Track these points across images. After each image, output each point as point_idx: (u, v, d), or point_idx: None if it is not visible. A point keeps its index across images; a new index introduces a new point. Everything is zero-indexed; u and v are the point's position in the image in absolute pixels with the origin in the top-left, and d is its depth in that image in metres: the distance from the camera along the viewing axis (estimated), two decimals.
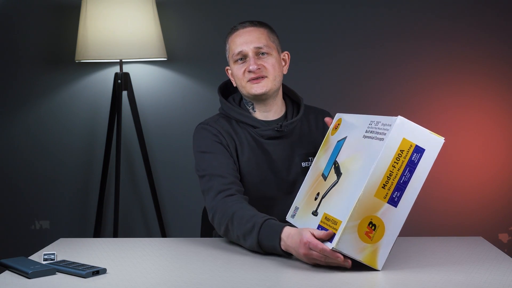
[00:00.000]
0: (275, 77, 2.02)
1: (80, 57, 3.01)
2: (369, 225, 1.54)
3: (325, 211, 1.64)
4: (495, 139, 3.26)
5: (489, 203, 3.28)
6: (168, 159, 3.31)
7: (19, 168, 3.33)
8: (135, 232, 3.34)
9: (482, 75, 3.24)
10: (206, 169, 1.95)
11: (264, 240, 1.71)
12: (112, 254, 1.78)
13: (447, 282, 1.49)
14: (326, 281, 1.50)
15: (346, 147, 1.72)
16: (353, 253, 1.54)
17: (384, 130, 1.57)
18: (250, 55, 1.99)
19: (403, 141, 1.54)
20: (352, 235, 1.53)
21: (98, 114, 3.29)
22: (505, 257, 1.71)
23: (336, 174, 1.68)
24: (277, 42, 2.07)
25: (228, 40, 2.06)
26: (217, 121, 2.06)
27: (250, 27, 2.03)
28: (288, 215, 1.86)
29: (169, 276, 1.57)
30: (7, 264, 1.63)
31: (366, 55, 3.25)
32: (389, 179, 1.54)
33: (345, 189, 1.61)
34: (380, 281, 1.51)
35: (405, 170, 1.54)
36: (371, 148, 1.58)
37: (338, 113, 1.89)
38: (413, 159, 1.55)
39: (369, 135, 1.63)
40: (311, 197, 1.76)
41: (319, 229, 1.60)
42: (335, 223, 1.56)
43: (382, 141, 1.55)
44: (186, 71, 3.28)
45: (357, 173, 1.59)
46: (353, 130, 1.73)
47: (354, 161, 1.63)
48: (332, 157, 1.76)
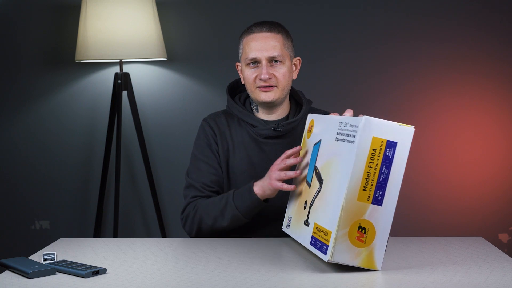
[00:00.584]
0: (285, 86, 2.04)
1: (80, 57, 3.01)
2: (358, 229, 1.53)
3: (315, 221, 1.65)
4: (495, 139, 3.26)
5: (489, 203, 3.28)
6: (168, 159, 3.31)
7: (19, 168, 3.33)
8: (135, 232, 3.34)
9: (482, 75, 3.24)
10: (189, 175, 2.09)
11: (240, 201, 1.92)
12: (112, 254, 1.78)
13: (447, 282, 1.49)
14: (326, 281, 1.50)
15: (322, 151, 1.71)
16: (349, 260, 1.54)
17: (352, 132, 1.55)
18: (264, 63, 2.01)
19: (373, 140, 1.52)
20: (344, 243, 1.52)
21: (98, 114, 3.29)
22: (505, 257, 1.71)
23: (318, 181, 1.68)
24: (291, 48, 2.08)
25: (243, 40, 2.06)
26: (217, 117, 2.13)
27: (267, 32, 2.02)
28: (284, 225, 1.88)
29: (169, 276, 1.57)
30: (7, 264, 1.63)
31: (366, 56, 3.25)
32: (368, 180, 1.52)
33: (328, 197, 1.61)
34: (380, 281, 1.51)
35: (382, 167, 1.53)
36: (344, 151, 1.57)
37: (309, 114, 1.89)
38: (387, 155, 1.53)
39: (340, 137, 1.61)
40: (300, 206, 1.77)
41: (313, 241, 1.62)
42: (326, 234, 1.56)
43: (352, 143, 1.53)
44: (186, 71, 3.28)
45: (336, 180, 1.58)
46: (325, 132, 1.73)
47: (332, 166, 1.63)
48: (312, 162, 1.76)
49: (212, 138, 2.09)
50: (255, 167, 2.05)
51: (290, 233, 1.81)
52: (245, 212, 1.94)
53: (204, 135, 2.10)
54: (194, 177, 2.07)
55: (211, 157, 2.08)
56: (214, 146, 2.08)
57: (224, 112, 2.15)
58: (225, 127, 2.10)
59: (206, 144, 2.09)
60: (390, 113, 3.22)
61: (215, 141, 2.09)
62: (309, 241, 1.65)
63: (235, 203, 1.93)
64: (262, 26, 2.03)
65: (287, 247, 1.83)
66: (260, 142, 2.06)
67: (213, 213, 1.97)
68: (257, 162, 2.05)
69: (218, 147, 2.08)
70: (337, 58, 3.26)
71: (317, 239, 1.60)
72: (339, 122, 1.64)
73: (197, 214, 2.00)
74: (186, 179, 2.09)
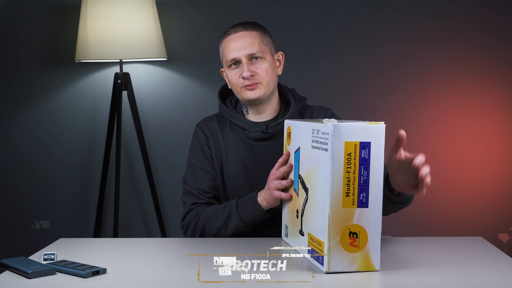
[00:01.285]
0: (269, 82, 2.03)
1: (80, 57, 3.01)
2: (350, 235, 1.53)
3: (308, 231, 1.66)
4: (495, 139, 3.26)
5: (489, 203, 3.28)
6: (168, 159, 3.31)
7: (19, 168, 3.33)
8: (135, 232, 3.34)
9: (482, 75, 3.24)
10: (186, 182, 2.10)
11: (244, 212, 1.93)
12: (112, 254, 1.78)
13: (447, 282, 1.49)
14: (326, 281, 1.50)
15: (303, 159, 1.71)
16: (347, 267, 1.54)
17: (324, 139, 1.54)
18: (243, 61, 2.01)
19: (346, 145, 1.50)
20: (338, 252, 1.52)
21: (98, 114, 3.29)
22: (505, 257, 1.71)
23: (304, 189, 1.69)
24: (271, 43, 2.07)
25: (221, 44, 2.08)
26: (209, 121, 2.14)
27: (242, 31, 2.03)
28: (282, 234, 1.90)
29: (169, 276, 1.57)
30: (7, 264, 1.63)
31: (366, 56, 3.25)
32: (349, 185, 1.51)
33: (315, 206, 1.61)
34: (380, 281, 1.51)
35: (361, 169, 1.51)
36: (320, 160, 1.56)
37: (286, 120, 1.88)
38: (363, 156, 1.51)
39: (315, 145, 1.60)
40: (293, 215, 1.78)
41: (310, 251, 1.63)
42: (320, 244, 1.57)
43: (326, 151, 1.52)
44: (186, 71, 3.28)
45: (319, 188, 1.58)
46: (302, 139, 1.72)
47: (313, 174, 1.63)
48: (296, 170, 1.77)
49: (205, 143, 2.09)
50: (249, 170, 2.05)
51: (289, 242, 1.83)
52: (249, 223, 1.96)
53: (197, 141, 2.11)
54: (191, 183, 2.08)
55: (206, 162, 2.08)
56: (208, 151, 2.09)
57: (217, 115, 2.16)
58: (218, 131, 2.11)
59: (200, 149, 2.10)
60: (390, 113, 3.22)
61: (208, 146, 2.09)
62: (306, 251, 1.66)
63: (239, 214, 1.95)
64: (237, 27, 2.05)
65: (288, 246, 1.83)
66: (251, 144, 2.07)
67: (216, 223, 1.98)
68: (250, 165, 2.05)
69: (211, 152, 2.09)
70: (336, 59, 3.26)
71: (314, 250, 1.61)
72: (312, 129, 1.62)
73: (198, 224, 2.01)
74: (184, 186, 2.10)
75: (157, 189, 3.25)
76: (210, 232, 1.99)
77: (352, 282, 1.49)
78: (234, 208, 1.95)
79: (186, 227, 2.04)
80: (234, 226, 1.96)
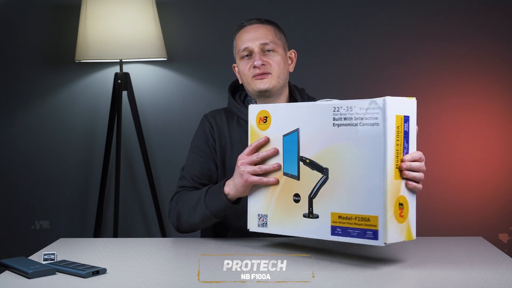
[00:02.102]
0: (279, 74, 2.03)
1: (80, 57, 3.01)
2: (399, 206, 1.58)
3: (332, 211, 1.63)
4: (495, 138, 3.26)
5: (489, 203, 3.28)
6: (168, 159, 3.31)
7: (19, 168, 3.33)
8: (135, 232, 3.35)
9: (482, 75, 3.24)
10: (185, 167, 2.09)
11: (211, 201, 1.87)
12: (112, 254, 1.78)
13: (447, 282, 1.49)
14: (326, 281, 1.50)
15: (309, 140, 1.67)
16: (398, 238, 1.58)
17: (371, 114, 1.56)
18: (256, 51, 2.01)
19: (396, 118, 1.57)
20: (393, 223, 1.56)
21: (98, 114, 3.29)
22: (505, 257, 1.71)
23: (318, 170, 1.65)
24: (284, 40, 2.09)
25: (235, 37, 2.09)
26: (217, 114, 2.14)
27: (257, 24, 2.06)
28: (253, 224, 1.78)
29: (169, 276, 1.57)
30: (7, 264, 1.63)
31: (366, 55, 3.25)
32: (398, 157, 1.57)
33: (347, 183, 1.60)
34: (380, 281, 1.51)
35: (404, 142, 1.59)
36: (360, 135, 1.57)
37: (252, 105, 1.79)
38: (405, 130, 1.59)
39: (345, 122, 1.61)
40: (285, 201, 1.71)
41: (338, 231, 1.62)
42: (367, 220, 1.57)
43: (377, 126, 1.55)
44: (186, 71, 3.28)
45: (356, 164, 1.58)
46: (304, 120, 1.68)
47: (337, 152, 1.61)
48: (288, 153, 1.71)
49: (210, 133, 2.09)
50: None
51: (271, 230, 1.74)
52: (215, 213, 1.89)
53: (202, 130, 2.11)
54: (187, 168, 2.08)
55: (205, 151, 2.07)
56: (211, 141, 2.08)
57: (225, 109, 2.16)
58: (224, 124, 2.10)
59: (203, 138, 2.09)
60: None
61: (213, 136, 2.09)
62: (328, 232, 1.63)
63: (206, 202, 1.90)
64: (252, 20, 2.07)
65: (288, 247, 1.83)
66: None
67: (188, 207, 1.95)
68: None
69: (215, 143, 2.08)
70: (337, 57, 3.26)
71: (348, 228, 1.60)
72: (334, 107, 1.62)
73: (177, 206, 1.99)
74: (180, 172, 2.10)
75: (157, 189, 3.25)
76: (184, 216, 1.95)
77: (352, 280, 1.50)
78: (203, 194, 1.91)
79: (169, 210, 2.02)
80: (201, 214, 1.91)
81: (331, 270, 1.58)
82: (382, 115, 1.54)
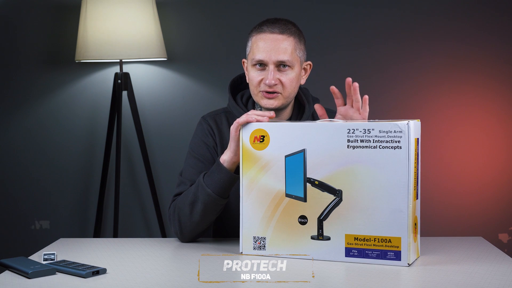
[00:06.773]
0: (290, 93, 1.93)
1: (80, 57, 3.01)
2: (414, 226, 1.62)
3: (347, 232, 1.62)
4: (496, 139, 3.26)
5: (490, 203, 3.28)
6: (168, 159, 3.31)
7: (19, 168, 3.33)
8: (135, 232, 3.34)
9: (482, 75, 3.24)
10: (183, 172, 2.00)
11: (210, 178, 1.82)
12: (112, 254, 1.78)
13: (447, 282, 1.49)
14: (326, 281, 1.50)
15: (318, 161, 1.63)
16: (415, 257, 1.64)
17: (393, 137, 1.58)
18: (270, 68, 1.89)
19: (415, 141, 1.61)
20: (412, 243, 1.61)
21: (98, 114, 3.29)
22: (505, 257, 1.71)
23: (329, 192, 1.62)
24: (303, 52, 1.98)
25: (252, 38, 1.94)
26: (216, 116, 2.06)
27: (278, 34, 1.90)
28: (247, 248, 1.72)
29: (169, 276, 1.57)
30: (7, 264, 1.63)
31: (365, 55, 3.25)
32: (415, 179, 1.61)
33: (365, 205, 1.60)
34: (380, 281, 1.51)
35: (417, 163, 1.62)
36: (380, 157, 1.58)
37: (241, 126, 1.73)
38: (418, 151, 1.63)
39: (361, 144, 1.60)
40: (288, 223, 1.67)
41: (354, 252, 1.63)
42: (388, 241, 1.59)
43: (399, 149, 1.57)
44: (186, 71, 3.28)
45: (376, 186, 1.58)
46: (312, 141, 1.64)
47: (355, 174, 1.60)
48: (292, 174, 1.66)
49: (211, 135, 2.01)
50: None
51: (271, 252, 1.69)
52: (219, 189, 1.81)
53: (202, 133, 2.03)
54: (185, 174, 1.99)
55: (205, 155, 2.00)
56: (212, 143, 2.01)
57: (225, 111, 2.08)
58: (225, 126, 2.03)
59: (202, 141, 2.01)
60: (391, 112, 3.22)
61: (214, 138, 2.01)
62: (342, 254, 1.63)
63: (206, 182, 1.83)
64: (274, 27, 1.91)
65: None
66: None
67: (188, 199, 1.86)
68: None
69: (217, 146, 2.01)
70: (338, 56, 3.26)
71: (366, 249, 1.61)
72: (348, 129, 1.61)
73: (176, 210, 1.90)
74: (178, 178, 2.02)
75: (157, 189, 3.25)
76: (186, 212, 1.86)
77: (352, 280, 1.50)
78: (201, 180, 1.84)
79: (168, 218, 1.94)
80: (203, 203, 1.82)
81: (331, 270, 1.58)
82: (406, 139, 1.57)
